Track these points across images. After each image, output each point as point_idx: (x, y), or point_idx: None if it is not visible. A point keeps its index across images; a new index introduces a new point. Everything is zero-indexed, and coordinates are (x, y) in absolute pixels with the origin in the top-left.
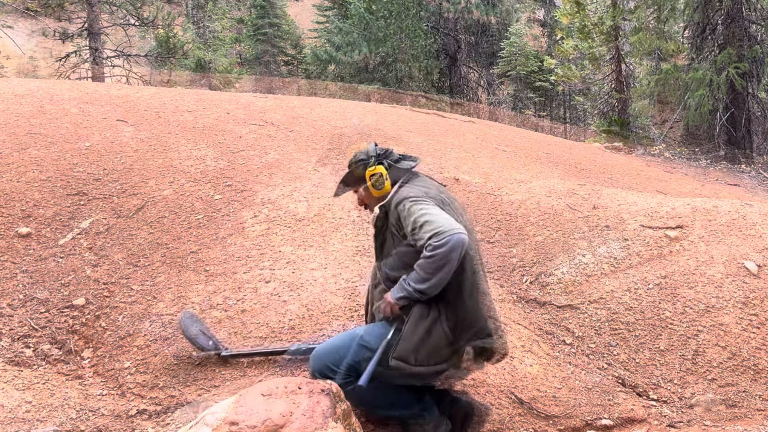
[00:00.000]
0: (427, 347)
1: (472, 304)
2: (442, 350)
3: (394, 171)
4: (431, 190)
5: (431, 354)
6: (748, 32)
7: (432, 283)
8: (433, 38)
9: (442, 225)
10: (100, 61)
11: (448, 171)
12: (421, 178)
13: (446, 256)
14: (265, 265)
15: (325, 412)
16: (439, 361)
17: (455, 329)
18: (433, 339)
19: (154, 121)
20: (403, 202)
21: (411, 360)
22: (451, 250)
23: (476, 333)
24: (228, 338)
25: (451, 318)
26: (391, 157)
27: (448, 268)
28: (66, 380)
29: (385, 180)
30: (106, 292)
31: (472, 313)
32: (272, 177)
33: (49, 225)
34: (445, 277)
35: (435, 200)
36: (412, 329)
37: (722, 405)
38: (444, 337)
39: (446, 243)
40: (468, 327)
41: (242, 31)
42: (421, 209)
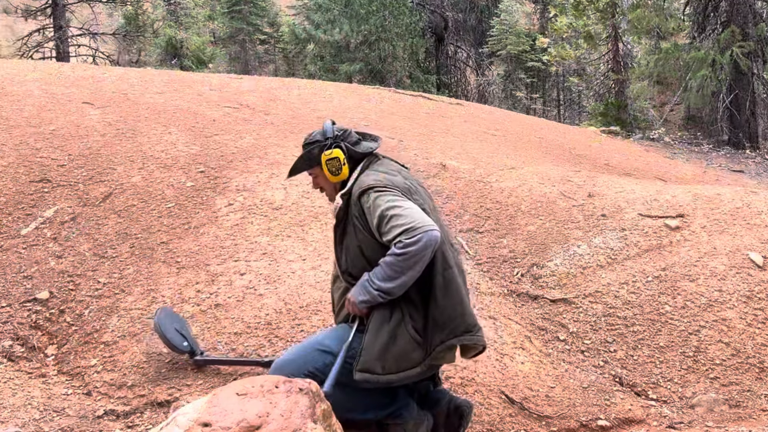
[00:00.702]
0: (394, 353)
1: (445, 302)
2: (412, 354)
3: (353, 154)
4: (396, 177)
5: (399, 360)
6: (753, 9)
7: (399, 282)
8: (419, 15)
9: (413, 221)
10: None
11: (434, 157)
12: (382, 162)
13: (418, 255)
14: (240, 256)
15: (304, 413)
16: (410, 365)
17: (425, 330)
18: (399, 344)
19: (122, 104)
20: (367, 193)
21: (377, 369)
22: (424, 248)
23: (451, 331)
24: (201, 334)
25: (418, 319)
26: (350, 138)
27: (419, 267)
28: (29, 379)
29: (342, 165)
30: (72, 286)
31: (446, 311)
32: (248, 163)
33: (10, 214)
34: (414, 276)
35: (400, 188)
36: (373, 336)
37: (725, 405)
38: (411, 340)
39: (418, 241)
40: (442, 326)
41: (216, 7)
42: (388, 201)
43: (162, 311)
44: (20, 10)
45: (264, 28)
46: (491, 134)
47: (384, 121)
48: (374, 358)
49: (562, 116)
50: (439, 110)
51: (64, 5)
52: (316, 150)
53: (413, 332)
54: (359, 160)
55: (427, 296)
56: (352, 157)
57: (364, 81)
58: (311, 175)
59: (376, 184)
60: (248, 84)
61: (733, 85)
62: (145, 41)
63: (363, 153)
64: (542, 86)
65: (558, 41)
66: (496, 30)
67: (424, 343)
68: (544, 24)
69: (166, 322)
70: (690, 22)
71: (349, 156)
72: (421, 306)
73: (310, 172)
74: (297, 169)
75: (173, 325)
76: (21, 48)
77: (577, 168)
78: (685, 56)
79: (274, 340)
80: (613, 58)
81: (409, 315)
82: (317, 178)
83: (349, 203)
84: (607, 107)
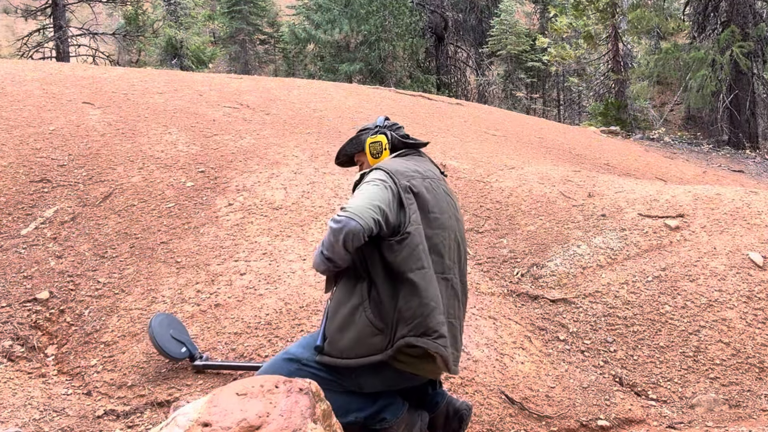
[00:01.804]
0: (350, 337)
1: (411, 299)
2: (370, 339)
3: (396, 142)
4: (412, 173)
5: (357, 344)
6: (753, 9)
7: (331, 253)
8: (419, 15)
9: (352, 205)
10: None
11: (434, 156)
12: (417, 158)
13: (333, 235)
14: (240, 256)
15: (304, 413)
16: (369, 352)
17: (392, 318)
18: (356, 328)
19: (122, 104)
20: (371, 173)
21: (334, 352)
22: (338, 233)
23: (412, 329)
24: (201, 334)
25: (382, 304)
26: (398, 131)
27: (336, 248)
28: (29, 379)
29: (383, 149)
30: (72, 285)
31: (411, 308)
32: (248, 163)
33: (10, 214)
34: (336, 253)
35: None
36: (331, 319)
37: (725, 405)
38: (368, 324)
39: (338, 222)
40: (405, 321)
41: (216, 7)
42: (370, 183)
43: (156, 318)
44: (20, 10)
45: (264, 28)
46: (491, 134)
47: None
48: (329, 341)
49: (562, 116)
50: (439, 110)
51: (64, 5)
52: (363, 135)
53: (372, 317)
54: (400, 149)
55: (398, 287)
56: (395, 145)
57: (364, 81)
58: (357, 163)
59: (381, 167)
60: (248, 84)
61: (733, 85)
62: (145, 41)
63: (405, 143)
64: (542, 86)
65: (558, 41)
66: (496, 30)
67: (386, 330)
68: (544, 24)
69: (160, 332)
70: (690, 22)
71: (392, 143)
72: (391, 293)
73: (356, 159)
74: (342, 152)
75: (169, 331)
76: (21, 48)
77: (577, 168)
78: (685, 56)
79: (274, 340)
80: (613, 58)
81: (370, 299)
82: (362, 165)
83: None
84: (607, 107)
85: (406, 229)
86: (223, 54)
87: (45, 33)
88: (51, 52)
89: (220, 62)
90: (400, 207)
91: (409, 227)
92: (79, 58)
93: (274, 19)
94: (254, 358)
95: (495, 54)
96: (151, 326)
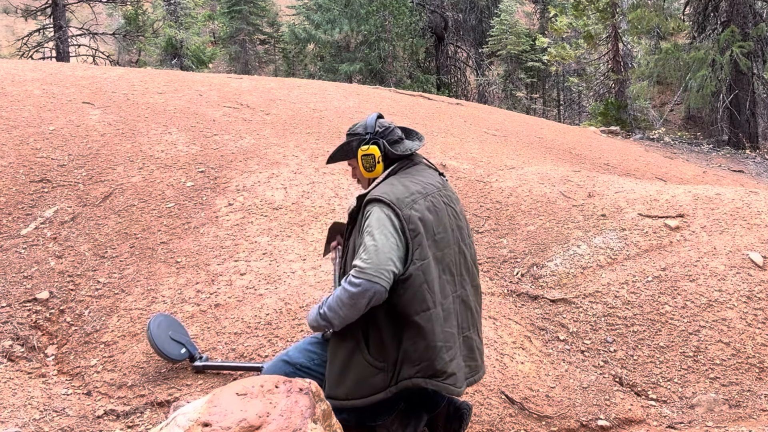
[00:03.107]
0: (352, 380)
1: (418, 341)
2: (371, 380)
3: (389, 153)
4: (413, 196)
5: (359, 386)
6: (753, 9)
7: (337, 316)
8: (419, 15)
9: (370, 264)
10: (65, 40)
11: (434, 156)
12: (414, 169)
13: (352, 298)
14: (240, 256)
15: (304, 413)
16: (373, 391)
17: (395, 357)
18: (355, 371)
19: (122, 104)
20: (371, 204)
21: (340, 395)
22: (361, 296)
23: (420, 370)
24: (201, 334)
25: (382, 345)
26: (391, 136)
27: (347, 311)
28: (29, 378)
29: (376, 163)
30: (72, 285)
31: (418, 350)
32: (248, 163)
33: (10, 214)
34: (349, 316)
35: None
36: (330, 363)
37: (725, 405)
38: (367, 366)
39: (359, 285)
40: (412, 362)
41: (216, 7)
42: (374, 227)
43: (153, 321)
44: (20, 10)
45: (264, 28)
46: (491, 134)
47: None
48: (334, 384)
49: (562, 116)
50: (438, 110)
51: (64, 5)
52: (354, 143)
53: (370, 358)
54: (395, 160)
55: (402, 327)
56: (388, 156)
57: (364, 81)
58: (350, 165)
59: (383, 197)
60: (248, 84)
61: (733, 85)
62: (145, 41)
63: (399, 155)
64: (542, 86)
65: (558, 41)
66: (496, 30)
67: (389, 369)
68: (544, 24)
69: (159, 333)
70: (690, 22)
71: (384, 155)
72: (392, 333)
73: (348, 163)
74: (334, 158)
75: (167, 332)
76: (21, 48)
77: (577, 168)
78: (685, 56)
79: (274, 340)
80: (613, 58)
81: (367, 341)
82: (355, 170)
83: (360, 207)
84: (607, 107)
85: (408, 270)
86: (223, 54)
87: (45, 33)
88: (51, 52)
89: (220, 62)
90: (405, 248)
91: (411, 267)
92: (79, 58)
93: (274, 19)
94: (254, 358)
95: (495, 54)
96: (149, 328)
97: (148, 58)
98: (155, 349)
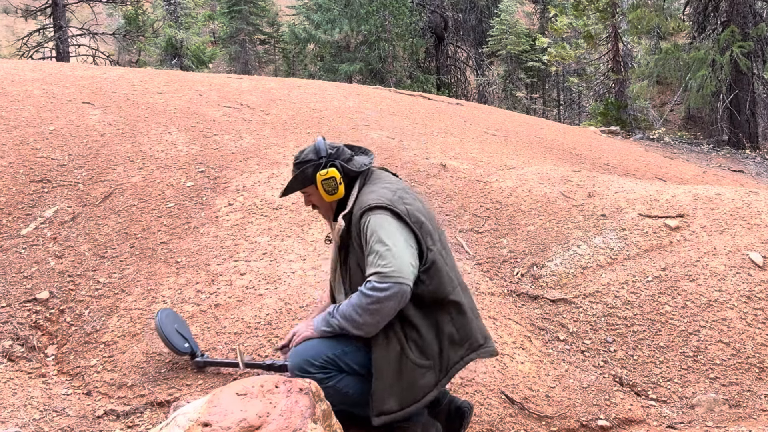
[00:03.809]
0: (404, 387)
1: (461, 319)
2: (421, 381)
3: (348, 172)
4: (398, 194)
5: (412, 390)
6: (753, 9)
7: (360, 322)
8: (419, 15)
9: (392, 267)
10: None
11: (434, 156)
12: (378, 176)
13: (381, 304)
14: (240, 256)
15: (304, 413)
16: (425, 392)
17: (439, 350)
18: (406, 376)
19: (122, 104)
20: (366, 214)
21: (395, 407)
22: (389, 299)
23: (470, 346)
24: (201, 334)
25: (426, 342)
26: (343, 155)
27: (378, 317)
28: (29, 378)
29: (339, 184)
30: (72, 285)
31: (463, 328)
32: (248, 163)
33: (10, 214)
34: (374, 323)
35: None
36: (378, 378)
37: (725, 405)
38: (416, 368)
39: (387, 289)
40: (459, 343)
41: (216, 7)
42: (380, 233)
43: (163, 312)
44: (20, 10)
45: (264, 28)
46: (491, 134)
47: (384, 121)
48: (387, 398)
49: (562, 116)
50: (438, 110)
51: (64, 5)
52: (310, 169)
53: (417, 358)
54: (355, 177)
55: (439, 317)
56: (348, 175)
57: (364, 81)
58: (304, 194)
59: (376, 203)
60: (248, 84)
61: (733, 85)
62: (145, 41)
63: (358, 171)
64: (542, 86)
65: (558, 41)
66: (496, 30)
67: (436, 365)
68: (544, 24)
69: (166, 323)
70: (690, 22)
71: (344, 174)
72: (431, 327)
73: (302, 191)
74: (291, 189)
75: (174, 325)
76: (21, 48)
77: (577, 168)
78: (685, 56)
79: (274, 340)
80: (613, 58)
81: (410, 342)
82: (310, 197)
83: (351, 224)
84: (607, 107)
85: (428, 258)
86: (223, 54)
87: (45, 33)
88: (51, 52)
89: (220, 62)
90: (416, 241)
91: (429, 254)
92: (79, 58)
93: (274, 19)
94: (254, 357)
95: (495, 54)
96: (159, 317)
97: (148, 58)
98: (162, 338)
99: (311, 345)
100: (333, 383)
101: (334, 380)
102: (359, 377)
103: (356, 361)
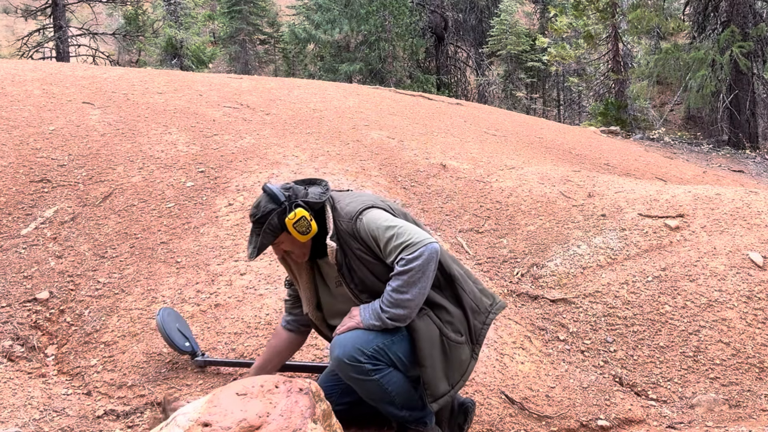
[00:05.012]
0: (452, 366)
1: (470, 287)
2: (462, 356)
3: (313, 206)
4: (369, 198)
5: (458, 367)
6: (753, 9)
7: (410, 298)
8: (419, 15)
9: (411, 237)
10: (65, 40)
11: (434, 157)
12: (342, 195)
13: (422, 269)
14: (240, 256)
15: (304, 413)
16: (467, 365)
17: (466, 324)
18: (452, 355)
19: (122, 104)
20: (359, 219)
21: (446, 388)
22: (427, 262)
23: (486, 309)
24: (201, 334)
25: (455, 319)
26: (300, 193)
27: (425, 282)
28: (29, 378)
29: (310, 222)
30: (72, 285)
31: (474, 294)
32: (248, 163)
33: (10, 214)
34: (422, 291)
35: (378, 202)
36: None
37: (725, 405)
38: (456, 345)
39: (420, 255)
40: (477, 310)
41: (216, 7)
42: (383, 221)
43: (164, 310)
44: (20, 10)
45: (264, 28)
46: (491, 134)
47: (384, 121)
48: (439, 381)
49: (562, 116)
50: (439, 110)
51: (64, 5)
52: (275, 219)
53: (454, 336)
54: (321, 208)
55: (455, 292)
56: (313, 209)
57: (364, 81)
58: (274, 245)
59: (362, 207)
60: (248, 84)
61: (733, 85)
62: (145, 41)
63: (321, 201)
64: (542, 86)
65: (558, 41)
66: (496, 30)
67: (468, 337)
68: (544, 24)
69: (168, 321)
70: (690, 22)
71: (310, 209)
72: (454, 304)
73: (273, 243)
74: (263, 246)
75: (175, 324)
76: (21, 48)
77: (577, 168)
78: (685, 56)
79: None
80: (613, 58)
81: (445, 324)
82: (282, 245)
83: (342, 241)
84: (607, 107)
85: None
86: (223, 54)
87: (45, 33)
88: (51, 52)
89: (220, 62)
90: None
91: None
92: (79, 58)
93: (274, 19)
94: (255, 358)
95: (495, 54)
96: (160, 315)
97: (148, 58)
98: (163, 336)
99: (359, 334)
100: (378, 377)
101: (380, 373)
102: (401, 375)
103: (402, 350)
